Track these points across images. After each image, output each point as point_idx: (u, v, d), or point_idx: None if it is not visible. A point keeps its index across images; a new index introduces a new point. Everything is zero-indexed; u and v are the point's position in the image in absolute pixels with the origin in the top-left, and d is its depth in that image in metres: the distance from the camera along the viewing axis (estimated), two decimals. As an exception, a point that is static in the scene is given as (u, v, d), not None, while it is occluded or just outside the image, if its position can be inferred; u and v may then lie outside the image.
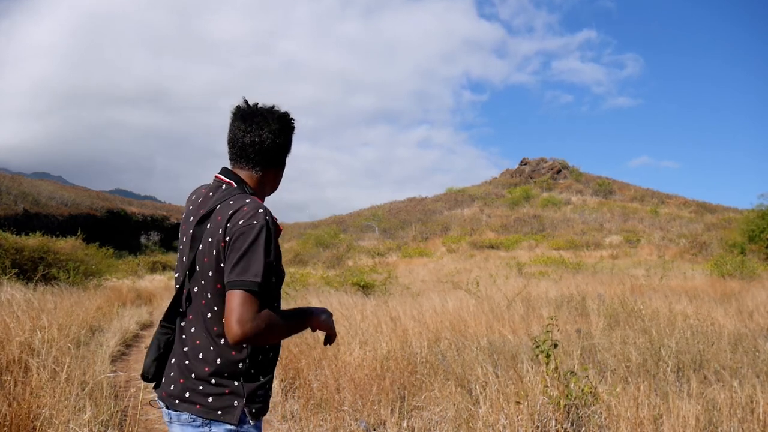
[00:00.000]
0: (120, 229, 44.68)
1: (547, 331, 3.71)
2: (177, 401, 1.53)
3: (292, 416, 4.13)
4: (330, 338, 1.74)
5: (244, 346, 1.50)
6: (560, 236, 34.31)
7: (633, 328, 6.25)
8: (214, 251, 1.50)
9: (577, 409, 3.38)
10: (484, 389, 3.70)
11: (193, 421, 1.51)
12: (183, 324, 1.60)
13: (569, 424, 3.28)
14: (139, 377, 1.68)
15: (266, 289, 1.46)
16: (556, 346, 3.61)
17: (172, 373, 1.58)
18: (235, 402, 1.51)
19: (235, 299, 1.41)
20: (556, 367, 3.52)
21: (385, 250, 33.20)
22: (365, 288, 12.29)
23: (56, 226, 31.98)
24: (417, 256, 30.10)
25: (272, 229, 1.49)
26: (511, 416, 3.27)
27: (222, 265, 1.49)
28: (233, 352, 1.52)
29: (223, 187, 1.62)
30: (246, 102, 1.66)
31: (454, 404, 3.64)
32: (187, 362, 1.54)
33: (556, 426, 3.27)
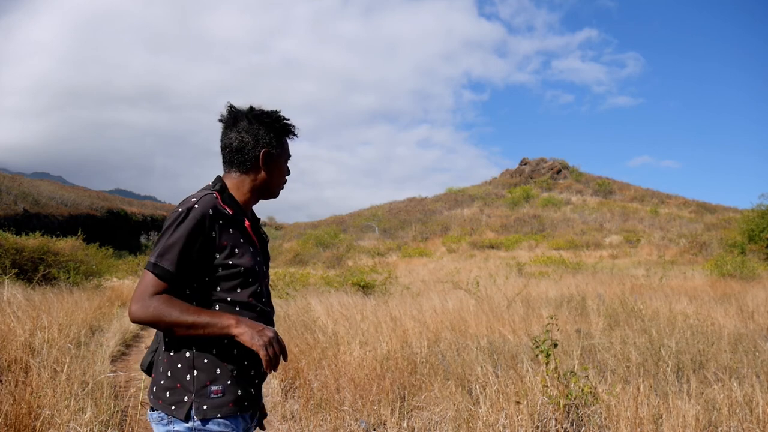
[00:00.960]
0: (120, 229, 44.67)
1: (547, 331, 3.71)
2: (152, 396, 1.54)
3: (292, 416, 4.14)
4: (270, 362, 1.46)
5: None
6: (560, 236, 34.31)
7: (633, 328, 6.25)
8: None
9: (577, 408, 3.38)
10: (484, 389, 3.70)
11: (161, 419, 1.49)
12: None
13: (569, 424, 3.28)
14: (140, 377, 1.70)
15: (169, 274, 1.44)
16: (555, 345, 3.62)
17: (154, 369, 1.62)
18: (185, 397, 1.48)
19: (141, 277, 1.46)
20: (556, 367, 3.52)
21: (385, 250, 33.20)
22: (365, 288, 12.29)
23: (56, 226, 31.99)
24: (417, 256, 30.10)
25: (202, 216, 1.48)
26: (511, 416, 3.27)
27: None
28: (182, 347, 1.51)
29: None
30: (228, 107, 1.67)
31: (454, 404, 3.64)
32: (160, 358, 1.57)
33: (556, 426, 3.27)
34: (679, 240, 30.22)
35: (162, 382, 1.51)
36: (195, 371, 1.49)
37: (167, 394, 1.49)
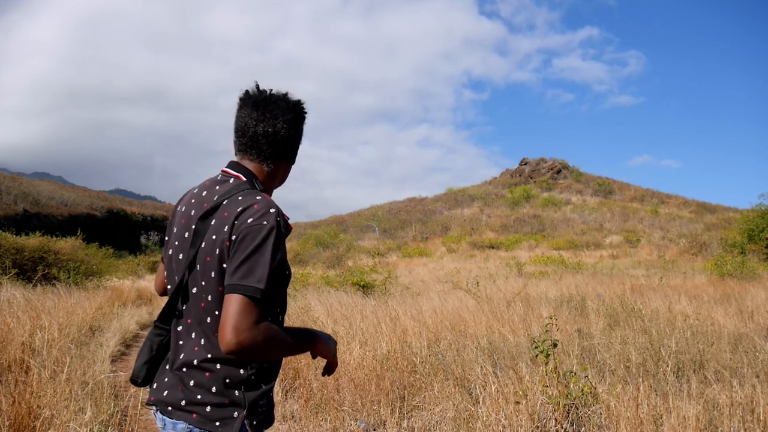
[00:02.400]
0: (120, 229, 44.69)
1: (546, 331, 3.71)
2: (172, 409, 1.41)
3: (292, 416, 4.13)
4: (330, 368, 1.59)
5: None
6: (560, 236, 34.32)
7: (633, 328, 6.25)
8: (218, 250, 1.37)
9: (577, 409, 3.38)
10: (484, 389, 3.70)
11: (190, 431, 1.40)
12: (180, 328, 1.47)
13: (569, 424, 3.28)
14: (130, 381, 1.58)
15: (269, 298, 1.32)
16: (555, 346, 3.62)
17: (166, 379, 1.46)
18: (235, 413, 1.38)
19: (234, 305, 1.28)
20: (556, 367, 3.52)
21: (385, 250, 33.21)
22: (365, 288, 12.29)
23: (56, 226, 32.00)
24: (417, 256, 30.11)
25: (282, 231, 1.37)
26: (511, 416, 3.27)
27: (224, 265, 1.36)
28: (232, 358, 1.39)
29: (231, 180, 1.48)
30: (258, 87, 1.51)
31: (454, 404, 3.65)
32: (185, 368, 1.42)
33: (555, 426, 3.27)
34: (679, 240, 30.22)
35: (199, 396, 1.38)
36: (245, 386, 1.40)
37: (208, 409, 1.38)
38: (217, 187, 1.48)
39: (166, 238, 1.58)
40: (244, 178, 1.48)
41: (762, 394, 3.43)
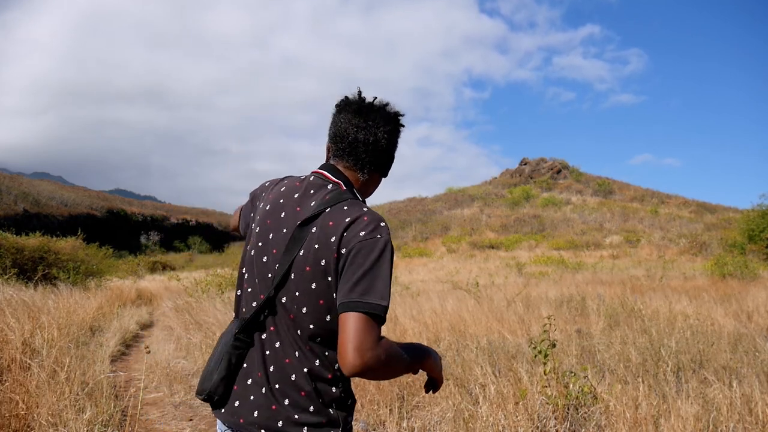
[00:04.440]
0: (120, 229, 44.71)
1: (545, 332, 3.71)
2: (263, 430, 1.29)
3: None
4: (435, 384, 1.49)
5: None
6: (560, 236, 34.34)
7: (633, 328, 6.25)
8: (323, 261, 1.27)
9: (577, 409, 3.38)
10: (484, 389, 3.71)
11: None
12: (264, 337, 1.34)
13: (568, 424, 3.28)
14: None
15: (386, 311, 1.25)
16: (554, 346, 3.62)
17: (252, 396, 1.32)
18: None
19: (355, 323, 1.19)
20: (555, 368, 3.52)
21: (385, 250, 33.18)
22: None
23: (56, 226, 32.02)
24: (417, 256, 30.12)
25: (393, 248, 1.30)
26: (511, 416, 3.28)
27: (330, 278, 1.26)
28: (329, 375, 1.31)
29: (329, 186, 1.39)
30: (360, 94, 1.45)
31: (454, 404, 3.65)
32: (277, 386, 1.30)
33: (555, 426, 3.27)
34: (679, 240, 30.24)
35: (297, 416, 1.28)
36: (336, 404, 1.32)
37: (305, 430, 1.28)
38: (312, 191, 1.38)
39: (253, 227, 1.45)
40: (345, 187, 1.40)
41: (761, 394, 3.43)
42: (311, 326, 1.29)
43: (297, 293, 1.29)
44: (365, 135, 1.40)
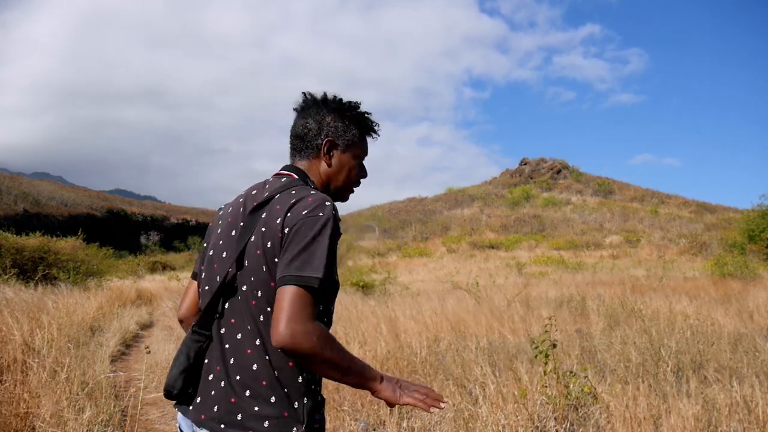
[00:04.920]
0: (120, 229, 44.71)
1: (546, 332, 3.71)
2: (223, 425, 1.25)
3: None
4: (427, 403, 1.39)
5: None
6: (560, 236, 34.35)
7: (633, 328, 6.25)
8: (269, 243, 1.27)
9: (577, 409, 3.38)
10: (484, 389, 3.71)
11: None
12: (223, 330, 1.32)
13: (569, 424, 3.28)
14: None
15: (325, 292, 1.23)
16: (554, 346, 3.62)
17: (213, 391, 1.30)
18: (294, 429, 1.24)
19: (288, 295, 1.18)
20: (555, 368, 3.52)
21: (385, 250, 33.24)
22: (365, 288, 12.29)
23: (56, 226, 32.01)
24: (417, 256, 30.13)
25: (338, 225, 1.29)
26: (511, 416, 3.28)
27: (277, 260, 1.25)
28: (290, 363, 1.26)
29: (283, 179, 1.43)
30: (304, 95, 1.51)
31: (454, 404, 3.65)
32: (237, 377, 1.27)
33: (555, 426, 3.27)
34: (679, 240, 30.24)
35: (257, 408, 1.24)
36: (305, 398, 1.28)
37: (266, 424, 1.23)
38: (267, 186, 1.42)
39: (205, 245, 1.49)
40: (296, 176, 1.44)
41: (761, 394, 3.43)
42: (269, 309, 1.27)
43: (252, 278, 1.29)
44: (303, 125, 1.47)
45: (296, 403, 1.26)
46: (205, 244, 1.51)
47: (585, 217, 40.14)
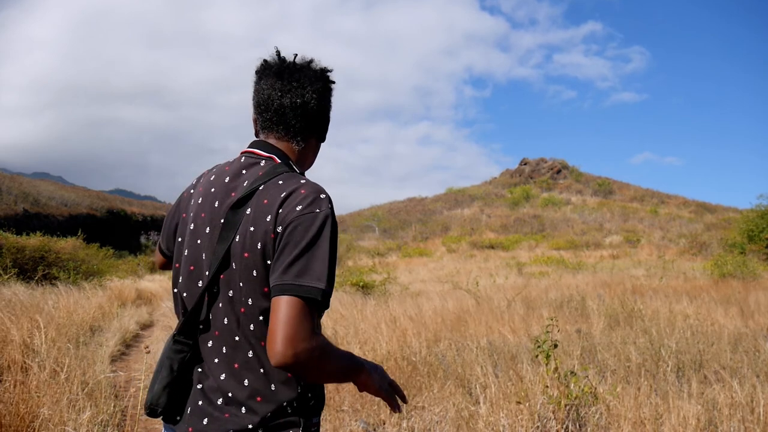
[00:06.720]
0: (120, 229, 44.71)
1: (547, 332, 3.71)
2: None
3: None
4: (390, 404, 1.33)
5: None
6: (560, 236, 34.35)
7: (633, 328, 6.25)
8: (259, 244, 1.13)
9: (578, 409, 3.38)
10: (484, 389, 3.70)
11: None
12: (210, 342, 1.20)
13: (570, 424, 3.28)
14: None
15: (327, 303, 1.11)
16: (556, 346, 3.61)
17: (200, 402, 1.18)
18: None
19: (288, 308, 1.05)
20: (556, 368, 3.52)
21: (385, 250, 33.22)
22: (365, 288, 12.28)
23: (56, 226, 32.00)
24: (417, 256, 30.12)
25: (337, 224, 1.17)
26: (512, 416, 3.27)
27: (269, 262, 1.13)
28: (289, 375, 1.16)
29: (262, 163, 1.25)
30: (278, 55, 1.30)
31: (454, 404, 3.64)
32: (229, 393, 1.16)
33: (556, 426, 3.27)
34: (679, 240, 30.24)
35: (251, 426, 1.15)
36: (298, 404, 1.19)
37: None
38: (245, 172, 1.24)
39: (179, 238, 1.33)
40: (279, 160, 1.26)
41: (762, 393, 3.43)
42: (261, 318, 1.15)
43: (241, 284, 1.16)
44: (291, 98, 1.26)
45: (290, 408, 1.17)
46: (175, 234, 1.36)
47: (585, 217, 40.14)
